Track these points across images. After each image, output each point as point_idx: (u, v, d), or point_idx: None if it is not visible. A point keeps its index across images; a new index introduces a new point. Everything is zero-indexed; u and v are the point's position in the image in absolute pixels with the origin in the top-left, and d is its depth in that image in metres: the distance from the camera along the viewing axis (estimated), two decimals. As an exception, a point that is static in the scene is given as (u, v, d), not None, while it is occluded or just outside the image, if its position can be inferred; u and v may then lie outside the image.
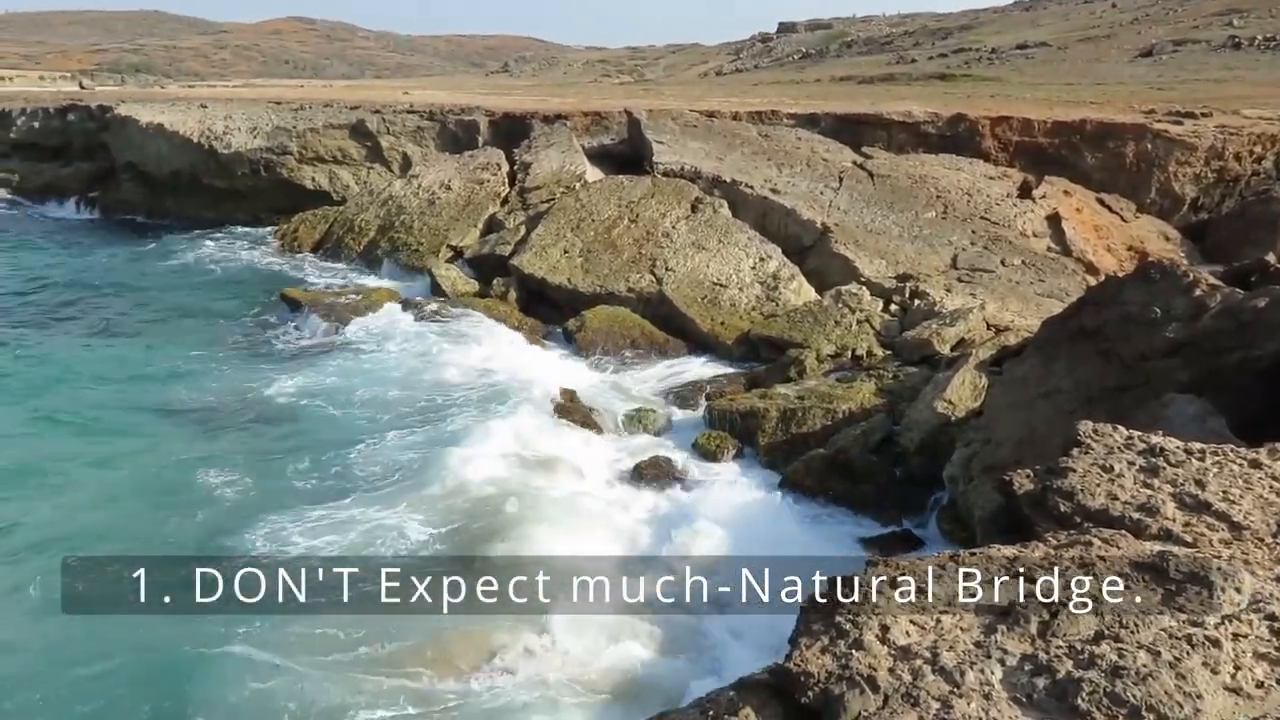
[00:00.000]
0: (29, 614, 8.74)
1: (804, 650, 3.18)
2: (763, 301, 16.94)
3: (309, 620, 8.29)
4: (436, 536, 10.03)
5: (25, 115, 38.00)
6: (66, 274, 23.08)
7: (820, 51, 69.02)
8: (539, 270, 18.50)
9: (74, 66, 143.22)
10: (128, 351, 16.67)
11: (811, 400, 12.89)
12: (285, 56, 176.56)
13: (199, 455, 12.04)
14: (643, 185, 20.18)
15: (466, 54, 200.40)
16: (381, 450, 12.08)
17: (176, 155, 29.33)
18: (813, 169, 21.10)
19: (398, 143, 27.19)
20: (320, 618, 8.32)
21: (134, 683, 7.77)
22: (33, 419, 13.47)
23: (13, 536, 10.16)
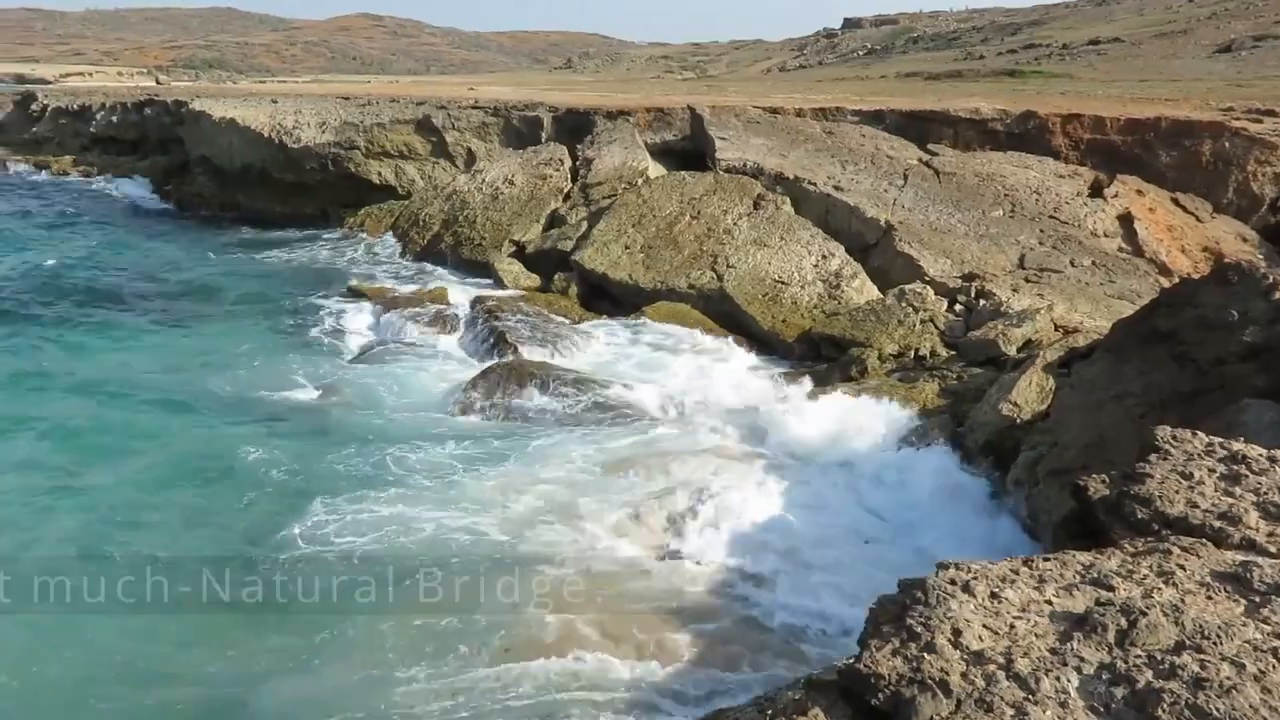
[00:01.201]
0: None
1: (874, 652, 3.14)
2: (824, 299, 16.80)
3: (346, 616, 8.47)
4: (489, 534, 10.11)
5: (104, 110, 39.18)
6: (137, 261, 23.73)
7: (886, 47, 68.20)
8: (600, 266, 18.56)
9: (150, 62, 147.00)
10: (192, 338, 17.13)
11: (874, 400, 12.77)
12: (353, 52, 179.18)
13: (255, 444, 12.27)
14: (705, 182, 20.14)
15: (531, 50, 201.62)
16: (438, 447, 12.19)
17: (247, 149, 29.95)
18: (877, 166, 20.86)
19: (462, 138, 27.44)
20: (355, 614, 8.48)
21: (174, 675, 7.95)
22: (96, 400, 13.93)
23: (58, 519, 10.48)
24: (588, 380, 14.12)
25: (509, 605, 8.61)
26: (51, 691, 7.75)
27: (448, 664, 7.75)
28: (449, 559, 9.38)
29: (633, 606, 8.72)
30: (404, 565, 9.26)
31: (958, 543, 9.45)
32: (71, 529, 10.28)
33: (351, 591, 8.87)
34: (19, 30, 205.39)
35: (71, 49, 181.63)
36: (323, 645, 8.12)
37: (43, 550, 9.93)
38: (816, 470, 11.69)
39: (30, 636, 8.46)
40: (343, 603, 8.69)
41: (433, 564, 9.26)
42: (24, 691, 7.71)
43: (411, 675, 7.59)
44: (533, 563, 9.39)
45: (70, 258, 24.18)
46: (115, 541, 10.08)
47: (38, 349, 16.32)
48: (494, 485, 11.03)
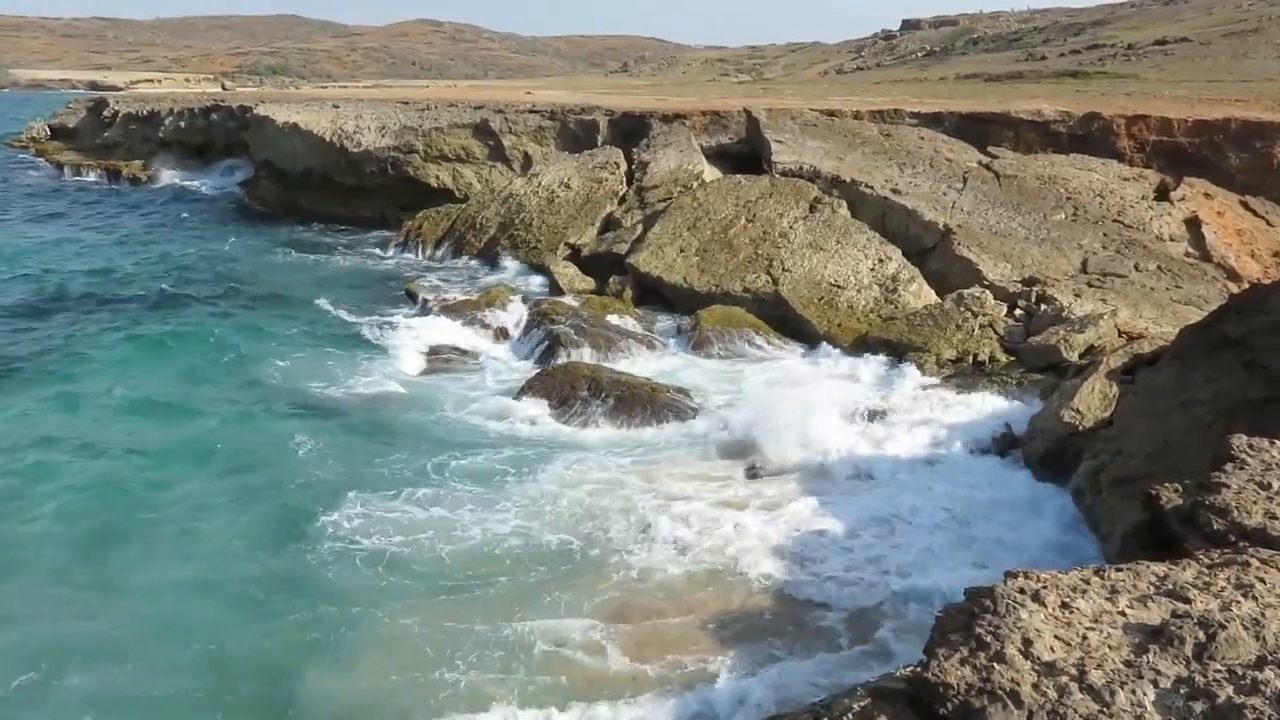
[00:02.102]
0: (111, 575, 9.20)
1: (942, 661, 3.08)
2: (881, 303, 16.63)
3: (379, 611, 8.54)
4: (534, 537, 10.14)
5: (173, 115, 40.12)
6: (202, 261, 24.27)
7: (945, 49, 67.36)
8: (655, 269, 18.57)
9: (216, 69, 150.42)
10: (253, 336, 17.44)
11: (931, 404, 12.61)
12: (412, 58, 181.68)
13: (309, 440, 12.50)
14: (760, 185, 20.05)
15: (587, 54, 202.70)
16: (489, 449, 12.26)
17: (309, 153, 30.47)
18: (936, 169, 20.61)
19: (519, 142, 27.63)
20: (391, 612, 8.54)
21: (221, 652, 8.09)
22: (160, 391, 14.35)
23: (112, 501, 10.78)
24: (638, 384, 14.11)
25: (552, 608, 8.63)
26: (79, 662, 7.97)
27: (483, 665, 7.76)
28: (491, 561, 9.42)
29: (677, 610, 8.71)
30: (442, 566, 9.33)
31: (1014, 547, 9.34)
32: (122, 506, 10.70)
33: (389, 589, 8.95)
34: (92, 39, 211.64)
35: (141, 56, 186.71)
36: (357, 641, 8.18)
37: (91, 524, 10.28)
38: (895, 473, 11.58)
39: (67, 606, 8.78)
40: (379, 600, 8.77)
41: (471, 566, 9.30)
42: (54, 655, 8.01)
43: (446, 677, 7.58)
44: (572, 567, 9.41)
45: (139, 258, 24.79)
46: (160, 520, 10.42)
47: (109, 344, 16.72)
48: (543, 488, 11.07)
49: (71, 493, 11.02)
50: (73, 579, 9.33)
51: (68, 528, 10.28)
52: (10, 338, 17.41)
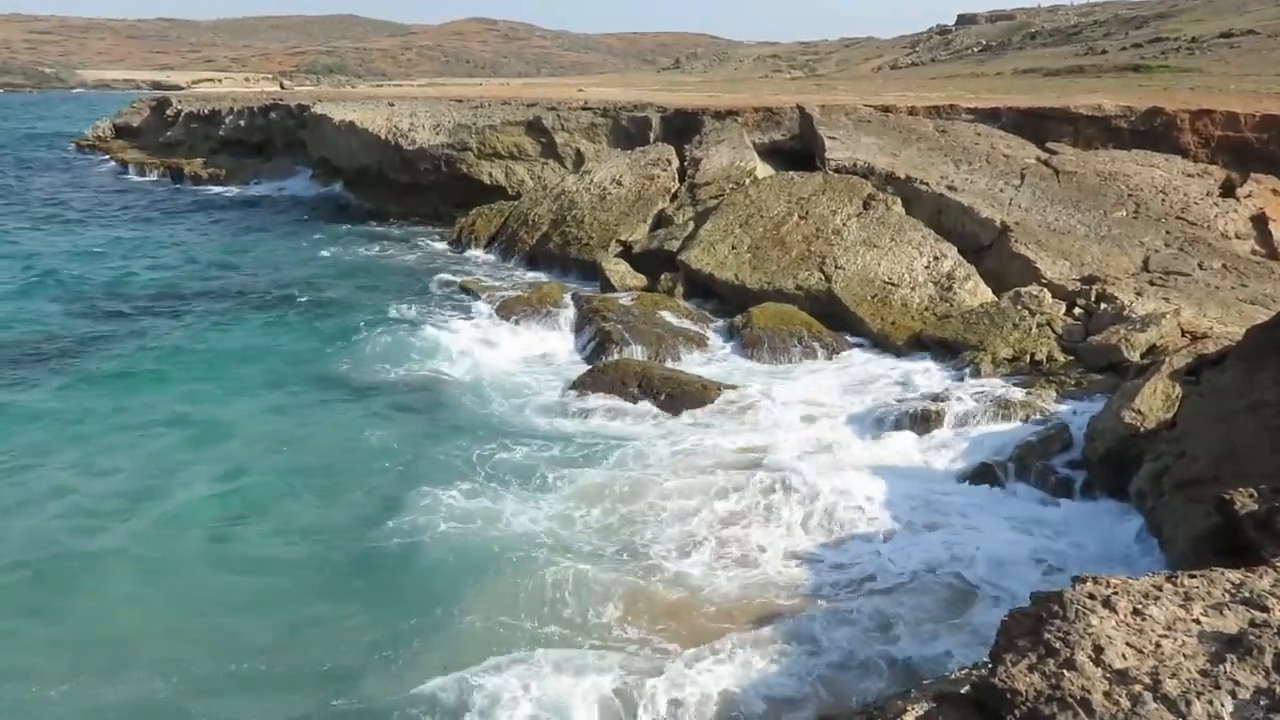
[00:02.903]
0: (183, 578, 9.38)
1: (1010, 666, 3.03)
2: (936, 302, 16.43)
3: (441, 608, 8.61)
4: (584, 533, 10.17)
5: (233, 114, 40.90)
6: (259, 257, 24.74)
7: (1002, 43, 66.31)
8: (707, 266, 18.52)
9: (275, 68, 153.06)
10: (310, 331, 17.76)
11: (986, 404, 12.44)
12: (466, 56, 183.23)
13: (365, 433, 12.73)
14: (814, 182, 19.91)
15: (639, 51, 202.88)
16: (542, 444, 12.32)
17: (365, 151, 30.89)
18: (992, 165, 20.31)
19: (571, 139, 27.75)
20: (447, 608, 8.61)
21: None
22: (219, 386, 14.65)
23: (179, 495, 11.02)
24: (689, 381, 14.10)
25: (602, 605, 8.65)
26: (136, 644, 8.22)
27: (530, 664, 7.76)
28: (543, 557, 9.44)
29: (725, 608, 8.70)
30: (495, 561, 9.36)
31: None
32: (183, 498, 10.99)
33: (443, 584, 9.02)
34: (155, 39, 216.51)
35: (203, 56, 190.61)
36: (412, 638, 8.22)
37: (154, 514, 10.54)
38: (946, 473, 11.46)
39: (131, 590, 9.05)
40: (434, 595, 8.83)
41: (524, 562, 9.33)
42: (115, 640, 8.27)
43: (492, 681, 7.61)
44: (623, 564, 9.43)
45: (203, 255, 25.35)
46: (225, 510, 10.67)
47: (174, 339, 17.13)
48: (592, 485, 11.10)
49: (136, 479, 11.33)
50: (131, 559, 9.61)
51: (137, 510, 10.60)
52: (94, 329, 17.93)
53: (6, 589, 9.05)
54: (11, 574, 9.31)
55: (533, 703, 7.27)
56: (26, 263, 24.04)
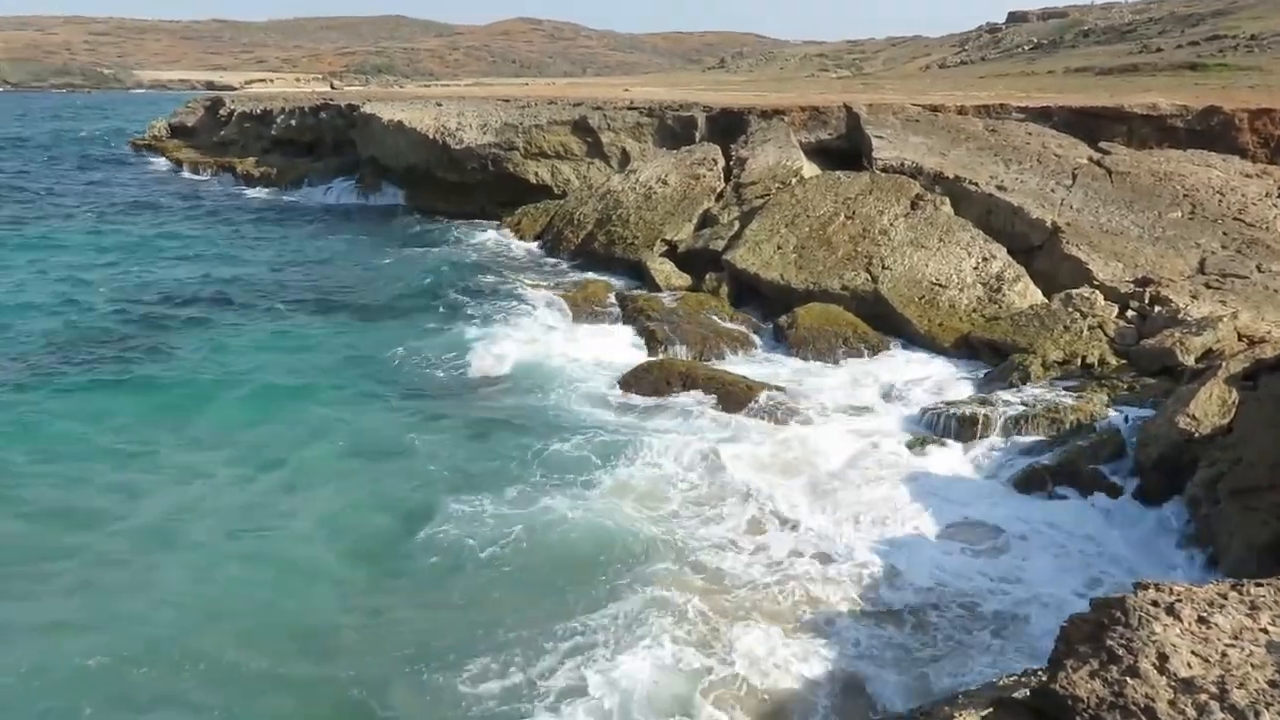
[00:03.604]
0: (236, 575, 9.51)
1: (1071, 673, 2.99)
2: (984, 303, 16.23)
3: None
4: (638, 531, 10.19)
5: (284, 114, 41.51)
6: (308, 260, 25.08)
7: (1054, 41, 65.29)
8: (752, 266, 18.47)
9: (325, 69, 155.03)
10: (356, 331, 17.92)
11: (1036, 408, 12.27)
12: (512, 55, 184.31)
13: (413, 430, 12.79)
14: (860, 181, 19.76)
15: (684, 50, 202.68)
16: (588, 442, 12.36)
17: (413, 150, 31.19)
18: (1043, 165, 20.03)
19: (617, 138, 27.81)
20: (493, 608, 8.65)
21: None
22: (268, 385, 14.79)
23: (232, 494, 11.17)
24: (733, 380, 14.07)
25: (656, 605, 8.67)
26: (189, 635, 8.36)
27: (580, 664, 7.78)
28: (589, 555, 9.47)
29: (765, 609, 8.68)
30: (542, 561, 9.40)
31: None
32: (230, 491, 11.19)
33: (490, 583, 9.08)
34: (209, 40, 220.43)
35: (255, 57, 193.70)
36: (459, 639, 8.23)
37: (200, 507, 10.74)
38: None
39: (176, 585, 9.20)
40: (481, 595, 8.89)
41: (570, 560, 9.35)
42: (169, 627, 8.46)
43: (543, 684, 7.63)
44: (670, 561, 9.44)
45: (251, 254, 25.79)
46: (270, 508, 10.81)
47: (223, 337, 17.41)
48: (633, 482, 11.13)
49: (183, 474, 11.53)
50: (174, 552, 9.81)
51: (180, 504, 10.80)
52: (141, 327, 18.31)
53: (53, 575, 9.28)
54: (62, 561, 9.54)
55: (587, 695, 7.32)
56: (84, 260, 24.62)
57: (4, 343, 16.87)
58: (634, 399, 13.91)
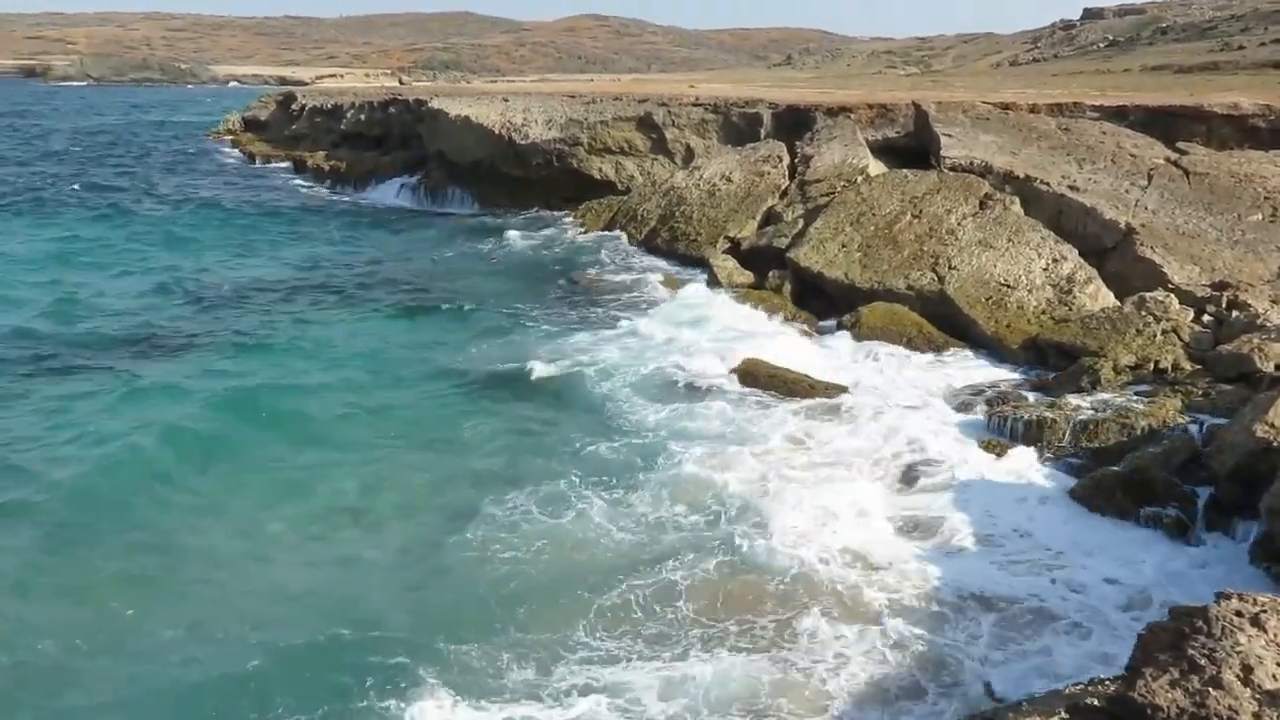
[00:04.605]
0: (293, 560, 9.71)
1: (1150, 681, 2.93)
2: (1054, 305, 15.93)
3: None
4: (703, 532, 10.19)
5: (353, 109, 42.23)
6: (380, 251, 25.52)
7: (1130, 39, 63.71)
8: (816, 264, 18.34)
9: (394, 64, 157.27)
10: (421, 323, 18.18)
11: (1107, 413, 12.00)
12: (578, 52, 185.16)
13: (469, 425, 12.94)
14: (928, 180, 19.51)
15: (750, 47, 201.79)
16: (647, 440, 12.38)
17: (479, 146, 31.52)
18: (1118, 165, 19.57)
19: (681, 135, 27.80)
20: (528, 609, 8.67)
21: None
22: (337, 380, 15.02)
23: (288, 484, 11.36)
24: (795, 379, 14.00)
25: (711, 609, 8.69)
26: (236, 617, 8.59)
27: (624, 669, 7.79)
28: (648, 559, 9.44)
29: (824, 608, 8.65)
30: (585, 566, 9.38)
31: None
32: (283, 483, 11.37)
33: (528, 585, 9.08)
34: (282, 37, 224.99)
35: (326, 53, 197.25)
36: (502, 643, 8.20)
37: (256, 497, 10.95)
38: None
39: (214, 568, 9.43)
40: (516, 597, 8.86)
41: (618, 567, 9.30)
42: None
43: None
44: (716, 555, 9.44)
45: (324, 251, 26.31)
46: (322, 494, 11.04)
47: (288, 329, 17.76)
48: (695, 478, 11.15)
49: (239, 466, 11.77)
50: (226, 542, 10.03)
51: (238, 494, 11.07)
52: (206, 316, 18.85)
53: (119, 553, 9.60)
54: (117, 539, 9.88)
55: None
56: (157, 250, 25.34)
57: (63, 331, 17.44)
58: (696, 394, 13.87)
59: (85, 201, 33.00)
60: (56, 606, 8.72)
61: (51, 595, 8.92)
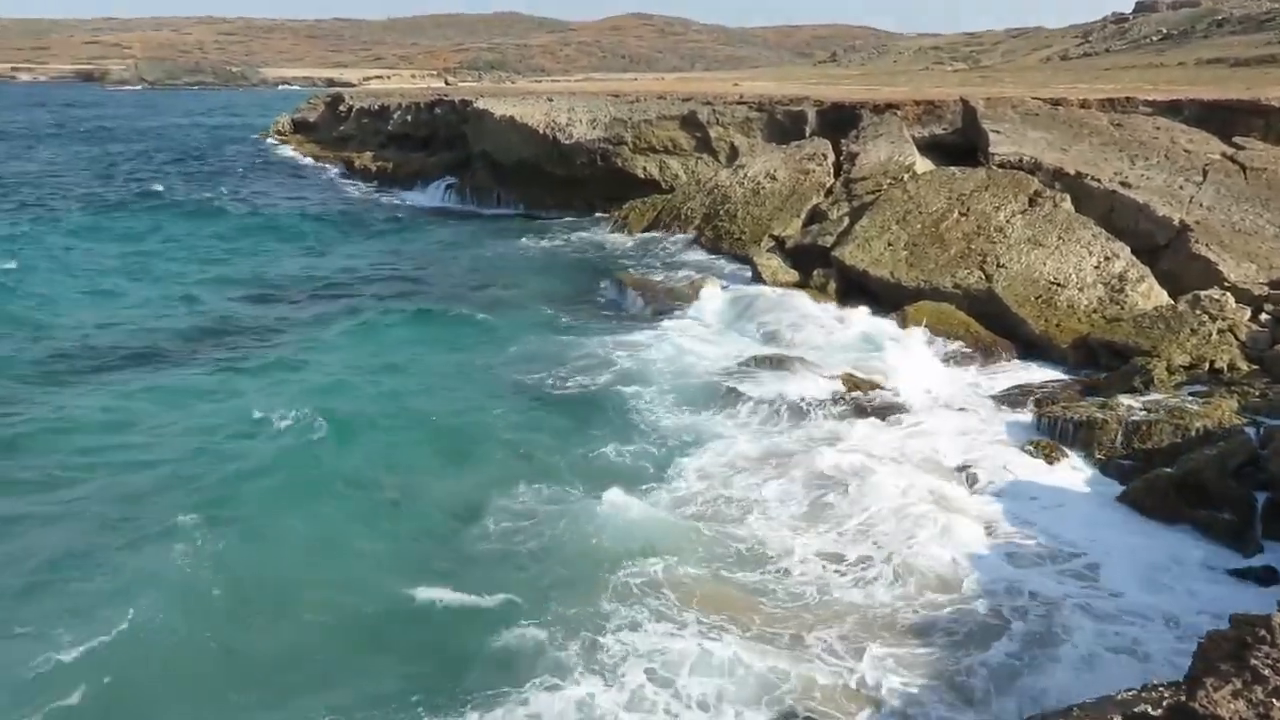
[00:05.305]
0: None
1: (1211, 691, 2.85)
2: (1105, 304, 15.64)
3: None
4: (743, 539, 10.16)
5: (400, 110, 42.63)
6: (425, 251, 25.74)
7: (1185, 31, 62.39)
8: (861, 262, 18.19)
9: (440, 65, 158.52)
10: (466, 322, 18.25)
11: (1160, 414, 11.75)
12: (622, 51, 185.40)
13: (512, 415, 13.06)
14: (976, 177, 19.25)
15: (794, 44, 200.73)
16: (691, 441, 12.35)
17: (523, 145, 31.68)
18: (1172, 161, 19.16)
19: (726, 133, 27.72)
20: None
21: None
22: (376, 375, 15.22)
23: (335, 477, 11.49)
24: (846, 376, 13.89)
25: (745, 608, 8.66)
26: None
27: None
28: (686, 564, 9.37)
29: (847, 608, 8.62)
30: (620, 571, 9.27)
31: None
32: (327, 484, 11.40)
33: (558, 587, 9.04)
34: (331, 39, 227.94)
35: (373, 54, 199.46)
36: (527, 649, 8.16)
37: (294, 494, 11.02)
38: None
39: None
40: (546, 601, 8.79)
41: (659, 575, 9.19)
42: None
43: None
44: (744, 564, 9.39)
45: (364, 250, 26.63)
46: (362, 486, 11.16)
47: (330, 331, 17.95)
48: (735, 477, 11.11)
49: (279, 460, 11.85)
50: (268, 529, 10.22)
51: (270, 485, 11.20)
52: (248, 312, 19.23)
53: (180, 529, 9.80)
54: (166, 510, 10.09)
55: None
56: (211, 248, 25.82)
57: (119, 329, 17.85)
58: (742, 396, 13.80)
59: (161, 199, 34.15)
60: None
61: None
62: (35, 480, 11.22)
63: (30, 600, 8.70)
